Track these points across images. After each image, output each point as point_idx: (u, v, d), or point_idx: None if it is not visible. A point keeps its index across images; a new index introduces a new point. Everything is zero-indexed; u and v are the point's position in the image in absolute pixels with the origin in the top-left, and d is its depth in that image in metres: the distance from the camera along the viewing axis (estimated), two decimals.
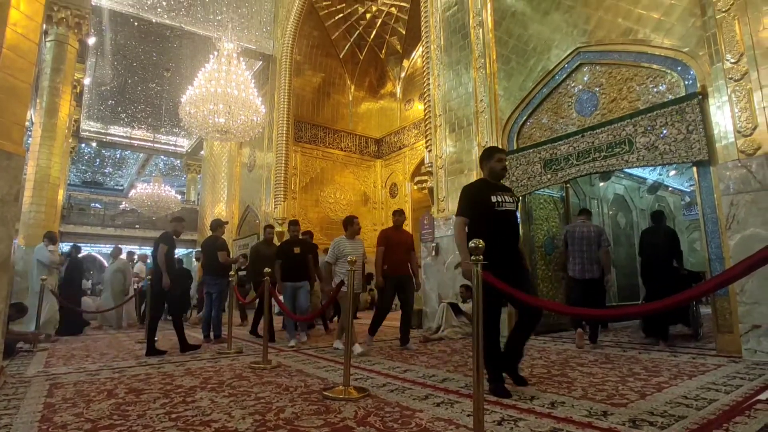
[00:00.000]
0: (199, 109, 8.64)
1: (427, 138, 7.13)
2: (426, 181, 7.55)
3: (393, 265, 4.91)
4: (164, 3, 11.84)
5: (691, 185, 9.27)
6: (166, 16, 11.76)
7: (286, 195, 11.88)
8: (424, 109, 7.33)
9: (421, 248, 7.02)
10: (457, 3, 6.83)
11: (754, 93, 3.83)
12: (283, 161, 11.96)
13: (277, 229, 11.17)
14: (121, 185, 27.53)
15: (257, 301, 6.02)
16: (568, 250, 4.99)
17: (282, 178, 11.87)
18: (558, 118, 5.50)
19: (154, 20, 11.66)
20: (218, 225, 6.11)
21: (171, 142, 21.91)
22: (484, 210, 2.90)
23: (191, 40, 13.45)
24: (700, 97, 4.16)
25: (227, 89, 8.53)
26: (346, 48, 13.58)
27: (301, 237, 6.19)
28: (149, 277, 6.04)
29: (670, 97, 4.46)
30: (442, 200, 6.70)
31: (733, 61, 3.96)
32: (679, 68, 4.40)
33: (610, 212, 8.29)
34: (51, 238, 7.03)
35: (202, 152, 19.54)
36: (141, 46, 14.56)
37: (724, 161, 3.99)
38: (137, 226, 18.28)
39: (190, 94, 8.73)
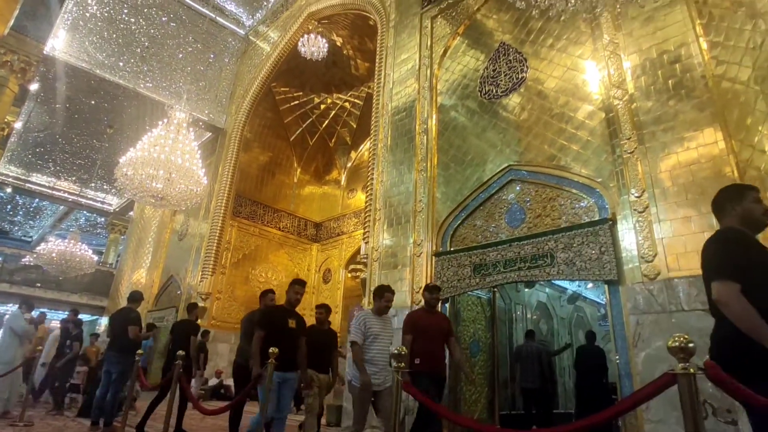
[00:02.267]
0: (137, 171, 8.39)
1: (366, 229, 7.29)
2: (361, 270, 7.59)
3: (428, 357, 4.11)
4: (121, 64, 11.91)
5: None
6: (120, 77, 11.76)
7: (215, 269, 11.39)
8: (366, 201, 7.58)
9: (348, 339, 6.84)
10: (406, 110, 7.43)
11: (654, 225, 4.35)
12: (218, 234, 11.62)
13: (200, 304, 10.51)
14: (30, 236, 25.22)
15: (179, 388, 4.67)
16: (518, 365, 6.09)
17: (213, 251, 11.45)
18: (489, 226, 5.87)
19: (108, 78, 11.61)
20: (137, 298, 5.69)
21: (99, 198, 20.77)
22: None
23: (142, 103, 13.40)
24: (611, 222, 4.65)
25: (171, 157, 8.42)
26: (297, 132, 14.08)
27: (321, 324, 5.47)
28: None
29: (586, 219, 4.96)
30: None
31: (637, 195, 4.52)
32: (594, 195, 4.95)
33: (533, 317, 8.66)
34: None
35: (132, 213, 18.61)
36: (88, 100, 14.27)
37: (630, 282, 4.37)
38: (38, 284, 16.52)
39: (130, 155, 8.51)
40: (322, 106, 13.85)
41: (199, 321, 10.46)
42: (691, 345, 1.58)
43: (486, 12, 6.96)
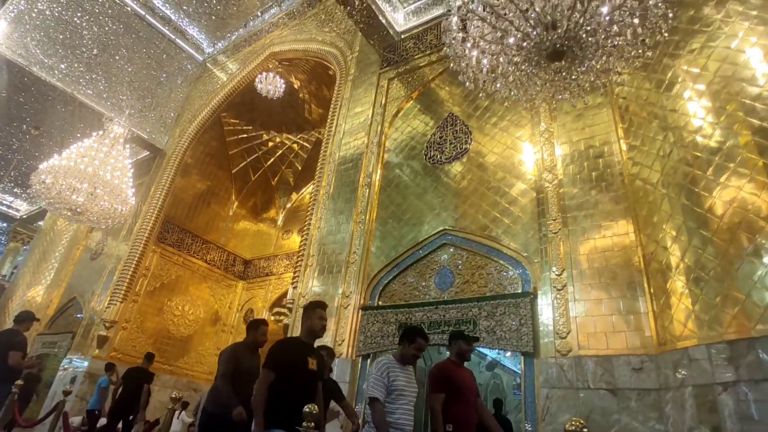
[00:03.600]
0: (57, 180, 7.79)
1: (296, 273, 7.14)
2: (285, 315, 7.33)
3: (464, 425, 3.43)
4: (63, 66, 11.30)
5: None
6: (58, 79, 11.12)
7: (126, 295, 10.49)
8: (300, 245, 7.47)
9: None
10: (352, 161, 7.57)
11: (570, 303, 4.62)
12: (137, 258, 10.83)
13: (101, 332, 9.59)
14: None
15: None
16: None
17: (129, 276, 10.59)
18: (419, 286, 5.95)
19: (44, 78, 10.92)
20: (26, 318, 5.07)
21: (6, 202, 18.90)
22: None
23: (78, 110, 12.65)
24: (532, 296, 4.88)
25: (99, 171, 7.93)
26: (241, 166, 13.81)
27: None
28: None
29: (510, 290, 5.17)
30: None
31: (557, 273, 4.81)
32: (519, 268, 5.21)
33: None
34: None
35: (41, 223, 17.03)
36: (16, 96, 13.27)
37: (545, 356, 4.55)
38: None
39: (53, 162, 7.92)
40: (270, 144, 13.79)
41: (97, 351, 9.57)
42: (585, 430, 1.62)
43: (440, 83, 7.43)
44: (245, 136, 13.51)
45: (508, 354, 10.09)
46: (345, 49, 9.80)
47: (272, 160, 13.98)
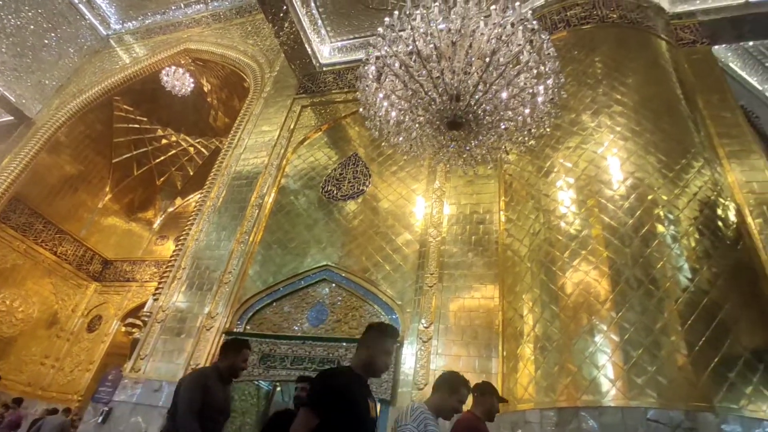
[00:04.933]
0: None
1: (160, 284, 6.53)
2: (138, 328, 6.62)
3: None
4: None
5: None
6: None
7: None
8: (172, 254, 6.89)
9: (89, 408, 5.69)
10: (248, 178, 7.30)
11: (432, 356, 4.80)
12: None
13: None
14: None
15: None
16: None
17: None
18: (290, 317, 5.78)
19: None
20: None
21: None
22: None
23: None
24: (399, 345, 4.99)
25: None
26: (124, 157, 12.61)
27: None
28: None
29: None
30: (142, 359, 5.83)
31: (425, 325, 5.00)
32: (392, 315, 5.32)
33: None
34: None
35: None
36: None
37: (401, 405, 4.62)
38: None
39: None
40: (164, 141, 12.83)
41: None
42: None
43: (351, 122, 7.59)
44: (137, 126, 12.43)
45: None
46: (265, 65, 9.64)
47: (162, 158, 12.97)
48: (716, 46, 6.63)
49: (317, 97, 8.20)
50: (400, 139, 3.86)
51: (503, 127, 3.57)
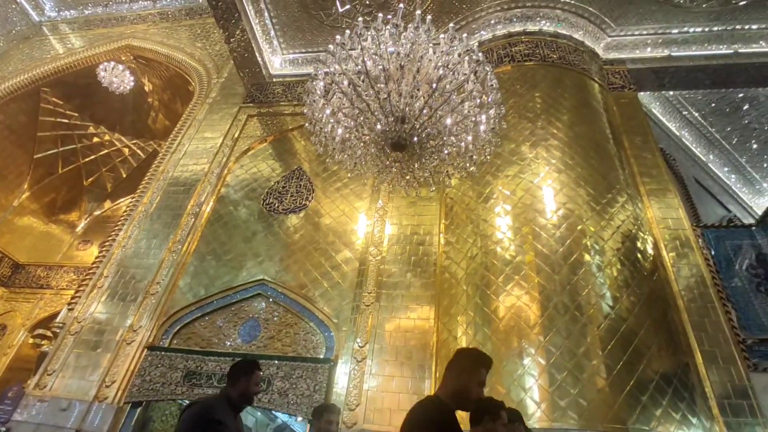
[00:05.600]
0: None
1: (78, 293, 6.04)
2: (48, 340, 6.05)
3: None
4: None
5: None
6: None
7: None
8: (95, 261, 6.41)
9: None
10: (185, 185, 6.99)
11: (365, 376, 4.74)
12: None
13: None
14: None
15: None
16: None
17: None
18: (221, 333, 5.52)
19: None
20: None
21: None
22: None
23: None
24: (332, 364, 4.89)
25: None
26: (49, 153, 11.69)
27: None
28: None
29: (312, 354, 5.12)
30: (50, 374, 5.31)
31: (360, 344, 4.95)
32: (327, 333, 5.22)
33: None
34: None
35: None
36: None
37: None
38: None
39: None
40: (95, 139, 12.04)
41: None
42: None
43: (297, 135, 7.51)
44: (66, 121, 11.60)
45: (299, 419, 9.81)
46: (212, 70, 9.37)
47: (92, 157, 12.15)
48: (642, 93, 7.23)
49: (265, 107, 8.06)
50: (345, 156, 3.86)
51: (446, 152, 3.66)
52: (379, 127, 3.46)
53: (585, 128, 5.83)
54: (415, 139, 3.39)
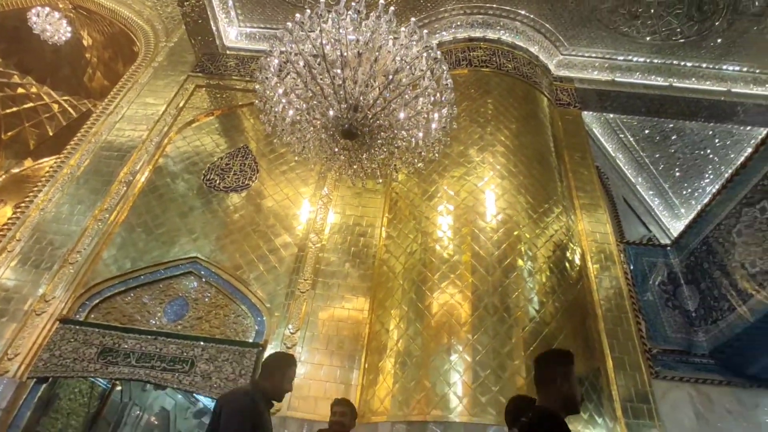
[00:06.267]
0: None
1: None
2: None
3: None
4: None
5: None
6: None
7: None
8: (6, 222, 5.86)
9: None
10: (119, 151, 6.54)
11: None
12: None
13: None
14: None
15: None
16: None
17: None
18: (144, 310, 5.24)
19: None
20: None
21: None
22: None
23: None
24: (261, 349, 4.79)
25: None
26: None
27: None
28: None
29: (241, 338, 4.98)
30: None
31: (292, 331, 4.88)
32: (258, 318, 5.11)
33: (150, 424, 7.63)
34: None
35: None
36: None
37: None
38: None
39: None
40: (20, 90, 10.98)
41: None
42: None
43: (247, 112, 7.25)
44: None
45: None
46: (161, 33, 8.84)
47: (15, 110, 11.07)
48: (585, 112, 7.62)
49: (215, 79, 7.71)
50: (294, 139, 3.77)
51: (396, 145, 3.67)
52: (331, 113, 3.40)
53: (531, 139, 6.06)
54: (366, 129, 3.36)
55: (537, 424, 1.92)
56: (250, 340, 4.93)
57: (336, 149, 3.59)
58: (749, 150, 5.36)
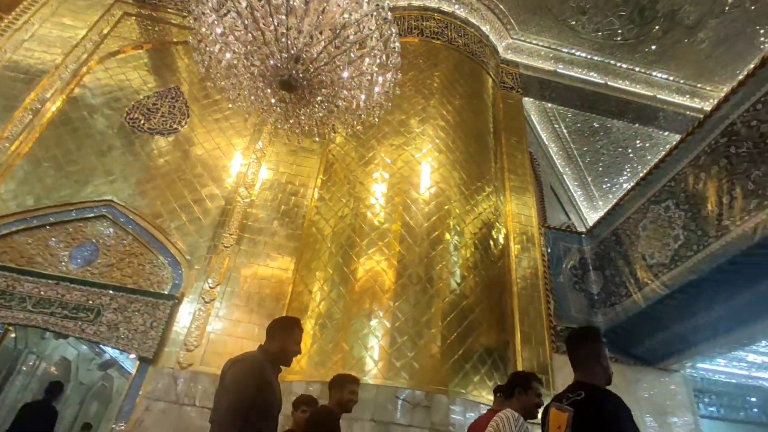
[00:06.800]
0: None
1: None
2: None
3: None
4: None
5: None
6: None
7: None
8: None
9: None
10: (27, 73, 5.74)
11: (211, 318, 4.55)
12: None
13: None
14: None
15: None
16: None
17: None
18: (48, 252, 4.80)
19: None
20: None
21: None
22: None
23: None
24: (176, 301, 4.60)
25: None
26: None
27: None
28: None
29: (156, 289, 4.74)
30: None
31: (211, 285, 4.72)
32: (176, 269, 4.87)
33: (48, 374, 7.17)
34: None
35: None
36: None
37: (162, 366, 4.28)
38: None
39: None
40: None
41: None
42: None
43: (181, 51, 6.71)
44: None
45: (132, 356, 9.18)
46: None
47: None
48: (526, 98, 7.84)
49: (147, 9, 7.01)
50: (229, 84, 3.53)
51: (336, 105, 3.56)
52: (271, 61, 3.21)
53: (472, 117, 6.15)
54: (307, 83, 3.22)
55: (601, 399, 1.97)
56: (165, 292, 4.71)
57: (273, 100, 3.41)
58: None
